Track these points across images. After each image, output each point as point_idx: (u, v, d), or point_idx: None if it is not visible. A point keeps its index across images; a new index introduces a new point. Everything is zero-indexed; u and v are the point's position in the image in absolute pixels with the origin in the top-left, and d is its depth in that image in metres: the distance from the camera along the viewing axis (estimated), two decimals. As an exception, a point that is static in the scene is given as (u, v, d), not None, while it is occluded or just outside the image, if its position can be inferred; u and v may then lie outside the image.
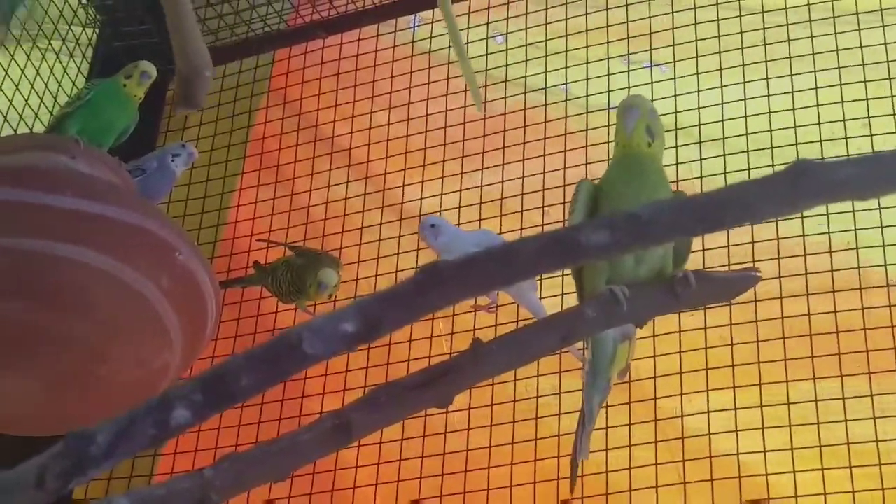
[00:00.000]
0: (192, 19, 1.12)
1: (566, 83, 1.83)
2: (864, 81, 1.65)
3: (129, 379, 1.47)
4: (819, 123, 1.65)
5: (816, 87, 1.67)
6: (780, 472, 1.49)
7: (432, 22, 2.01)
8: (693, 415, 1.57)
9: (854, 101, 1.65)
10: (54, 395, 1.46)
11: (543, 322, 1.01)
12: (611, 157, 1.23)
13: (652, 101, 1.64)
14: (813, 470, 1.47)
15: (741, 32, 1.77)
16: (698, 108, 1.73)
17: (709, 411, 1.56)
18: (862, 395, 1.49)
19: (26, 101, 1.94)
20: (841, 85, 1.66)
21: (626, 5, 1.87)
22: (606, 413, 1.46)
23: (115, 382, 1.47)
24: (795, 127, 1.66)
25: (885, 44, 1.67)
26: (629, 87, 1.78)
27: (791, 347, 1.54)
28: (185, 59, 1.10)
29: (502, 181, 1.81)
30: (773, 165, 1.63)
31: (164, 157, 1.72)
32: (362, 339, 0.71)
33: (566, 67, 1.74)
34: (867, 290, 1.54)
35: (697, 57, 1.78)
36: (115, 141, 1.67)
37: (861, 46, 1.67)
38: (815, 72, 1.69)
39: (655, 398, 1.59)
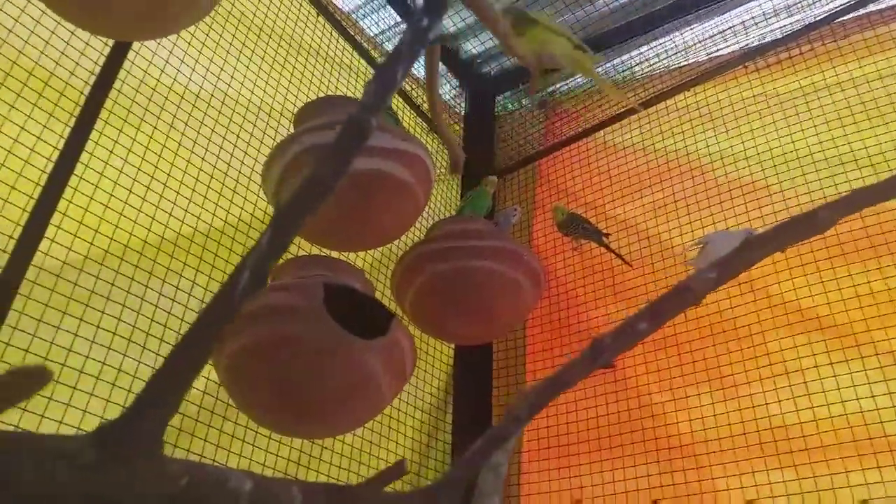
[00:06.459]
0: (456, 140, 1.12)
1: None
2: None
3: (507, 314, 1.50)
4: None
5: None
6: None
7: (621, 131, 1.98)
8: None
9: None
10: (476, 327, 1.50)
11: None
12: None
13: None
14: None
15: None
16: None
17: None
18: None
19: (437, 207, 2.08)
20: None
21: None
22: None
23: (502, 316, 1.50)
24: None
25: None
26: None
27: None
28: (454, 155, 1.15)
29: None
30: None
31: (507, 214, 1.78)
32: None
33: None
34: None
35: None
36: (486, 211, 1.77)
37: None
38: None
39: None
